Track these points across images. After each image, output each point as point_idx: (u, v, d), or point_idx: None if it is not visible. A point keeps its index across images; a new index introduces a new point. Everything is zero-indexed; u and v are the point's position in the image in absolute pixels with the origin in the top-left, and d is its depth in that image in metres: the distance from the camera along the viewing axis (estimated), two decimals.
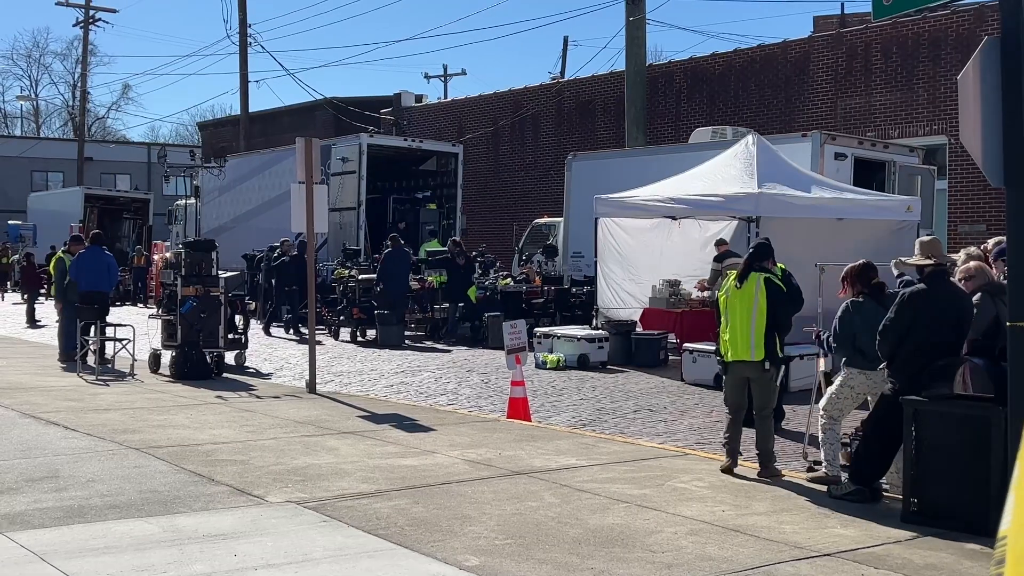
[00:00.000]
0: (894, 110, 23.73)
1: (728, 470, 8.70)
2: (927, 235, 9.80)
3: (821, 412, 8.48)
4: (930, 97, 23.02)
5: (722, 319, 8.96)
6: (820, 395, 8.89)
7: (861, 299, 8.37)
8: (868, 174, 18.73)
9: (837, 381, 8.48)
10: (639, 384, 14.64)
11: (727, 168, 15.81)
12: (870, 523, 7.15)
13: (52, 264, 16.77)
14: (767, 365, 8.62)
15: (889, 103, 23.84)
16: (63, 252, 17.45)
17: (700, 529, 6.96)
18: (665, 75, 29.36)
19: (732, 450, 8.80)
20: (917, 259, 7.80)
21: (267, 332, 21.71)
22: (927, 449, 7.08)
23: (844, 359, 8.45)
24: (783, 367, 8.85)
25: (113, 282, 16.88)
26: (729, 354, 8.80)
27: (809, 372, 13.94)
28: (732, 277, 8.95)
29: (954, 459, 6.95)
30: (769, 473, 8.60)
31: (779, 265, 8.88)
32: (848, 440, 9.35)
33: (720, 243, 15.56)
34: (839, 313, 8.44)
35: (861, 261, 8.76)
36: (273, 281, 22.44)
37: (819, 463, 8.67)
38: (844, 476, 8.11)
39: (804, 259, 14.83)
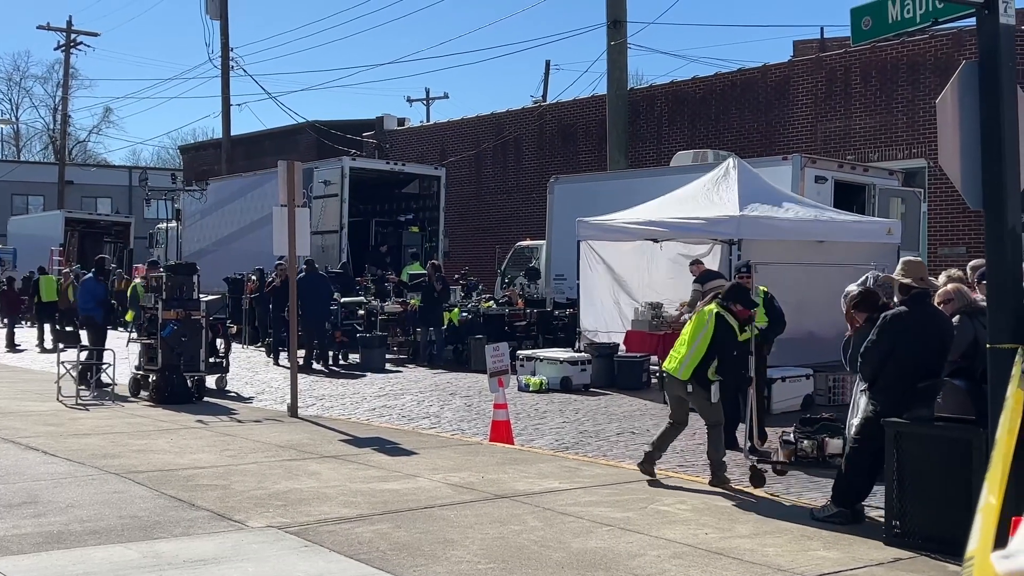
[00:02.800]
0: (874, 133, 23.91)
1: (644, 471, 9.20)
2: (912, 256, 9.87)
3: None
4: (909, 121, 23.21)
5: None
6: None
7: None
8: (848, 197, 18.85)
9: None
10: (622, 407, 14.63)
11: (708, 191, 15.87)
12: (853, 545, 7.15)
13: (129, 292, 16.56)
14: (690, 388, 9.00)
15: (869, 127, 24.02)
16: (140, 280, 17.04)
17: (683, 552, 6.94)
18: (646, 99, 29.51)
19: (649, 455, 9.26)
20: (898, 275, 7.84)
21: (277, 362, 20.39)
22: (909, 471, 7.08)
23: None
24: (718, 387, 9.06)
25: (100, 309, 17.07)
26: (667, 362, 9.39)
27: (792, 394, 14.01)
28: (703, 306, 9.39)
29: (936, 481, 6.95)
30: (719, 481, 8.91)
31: (762, 288, 8.97)
32: (792, 438, 9.74)
33: (696, 263, 15.57)
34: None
35: (861, 289, 8.90)
36: (270, 306, 21.49)
37: (764, 463, 9.14)
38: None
39: (785, 281, 14.95)
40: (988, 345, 6.62)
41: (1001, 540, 1.92)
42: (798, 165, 18.07)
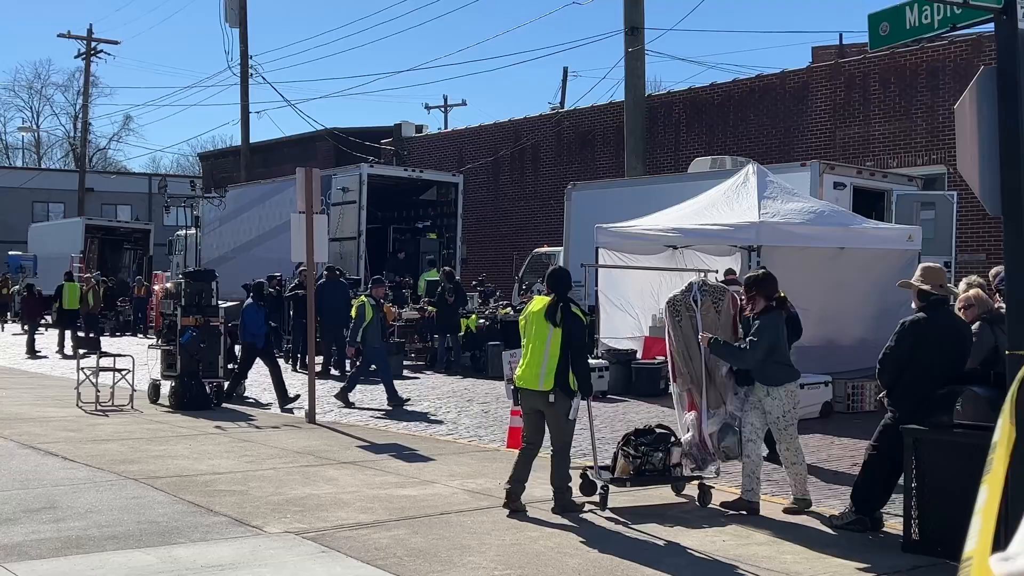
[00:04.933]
0: (892, 139, 23.81)
1: (510, 509, 8.13)
2: (934, 262, 9.74)
3: (787, 449, 8.39)
4: (928, 127, 23.11)
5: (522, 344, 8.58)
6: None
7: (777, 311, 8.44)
8: (867, 204, 18.76)
9: (784, 408, 8.32)
10: (639, 413, 14.59)
11: (727, 197, 15.83)
12: (871, 553, 7.12)
13: (355, 309, 15.98)
14: (552, 397, 8.13)
15: (887, 133, 23.92)
16: (366, 296, 16.55)
17: (701, 560, 6.92)
18: (664, 105, 29.48)
19: (512, 491, 8.21)
20: (917, 280, 7.77)
21: (296, 368, 20.29)
22: (928, 478, 7.04)
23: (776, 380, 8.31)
24: (579, 401, 8.27)
25: None
26: (519, 380, 8.44)
27: (811, 401, 13.94)
28: (533, 303, 8.57)
29: (955, 488, 6.90)
30: (563, 509, 8.15)
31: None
32: (636, 451, 8.73)
33: (728, 272, 15.50)
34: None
35: (762, 271, 8.74)
36: (291, 313, 21.43)
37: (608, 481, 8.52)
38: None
39: (805, 288, 14.88)
40: (1007, 352, 6.58)
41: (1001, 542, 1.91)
42: (816, 171, 18.00)
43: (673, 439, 8.80)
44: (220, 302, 16.00)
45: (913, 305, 7.77)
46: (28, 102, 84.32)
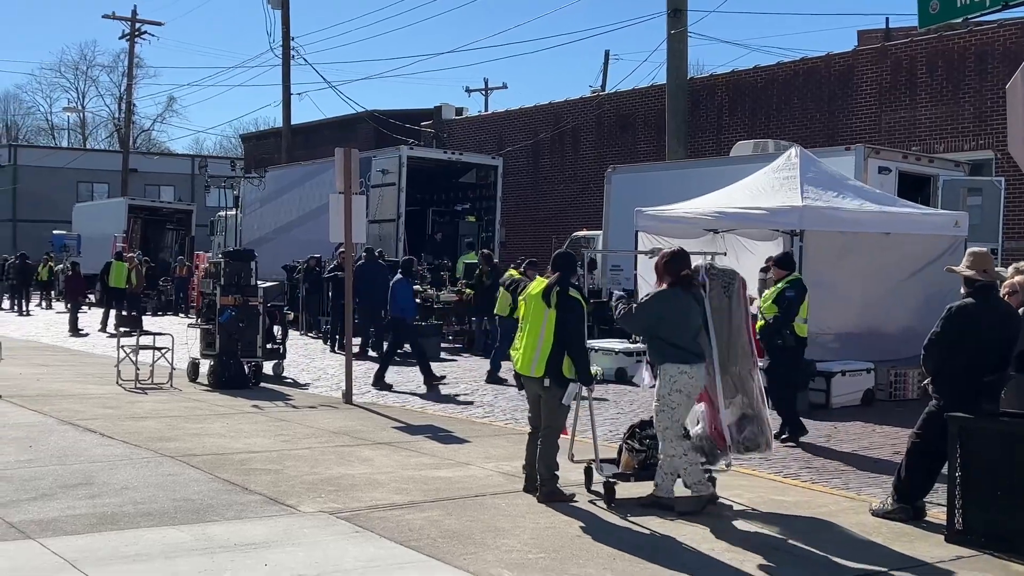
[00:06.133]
0: (939, 124, 23.41)
1: (529, 491, 8.11)
2: (980, 247, 9.51)
3: (664, 433, 7.77)
4: (976, 111, 22.70)
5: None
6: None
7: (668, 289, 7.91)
8: (913, 189, 18.46)
9: (660, 390, 7.79)
10: None
11: (770, 181, 15.60)
12: (913, 542, 6.98)
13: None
14: (546, 382, 7.95)
15: (934, 117, 23.53)
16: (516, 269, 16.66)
17: (738, 547, 6.81)
18: (707, 88, 29.19)
19: (531, 474, 8.20)
20: (964, 268, 7.58)
21: (334, 349, 20.32)
22: (973, 467, 6.88)
23: (659, 359, 7.83)
24: (576, 387, 7.98)
25: None
26: (516, 365, 8.29)
27: (852, 388, 13.76)
28: (532, 286, 8.36)
29: (1001, 478, 6.74)
30: (547, 498, 7.89)
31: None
32: (639, 445, 8.35)
33: (769, 260, 15.30)
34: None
35: (675, 248, 8.34)
36: (330, 294, 21.45)
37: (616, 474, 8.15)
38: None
39: (848, 274, 14.67)
40: None
41: None
42: (861, 156, 17.72)
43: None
44: (259, 282, 16.02)
45: (962, 291, 7.59)
46: (74, 83, 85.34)
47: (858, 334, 14.74)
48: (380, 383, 15.17)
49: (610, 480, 8.05)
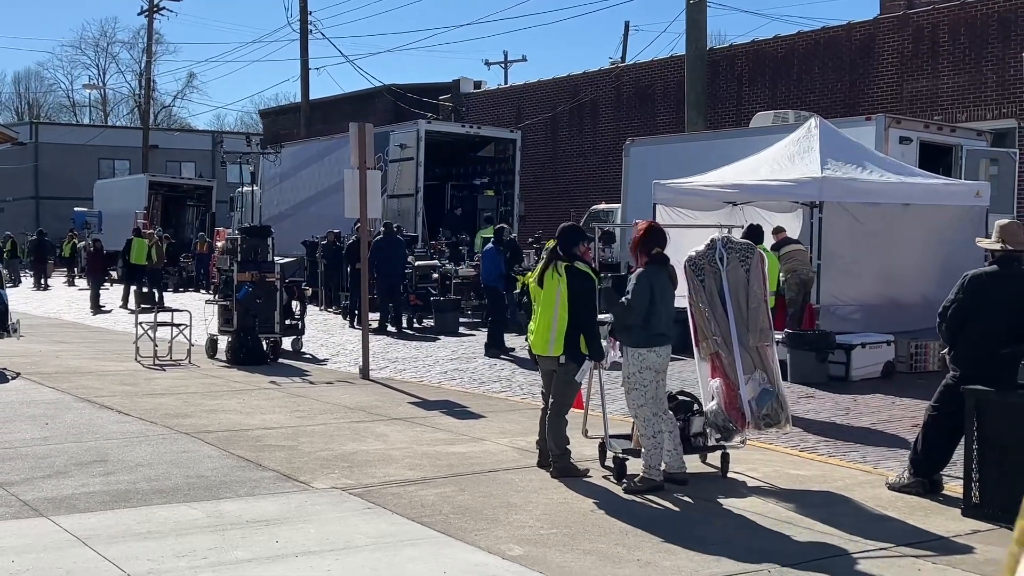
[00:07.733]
0: (962, 93, 23.12)
1: (542, 466, 8.10)
2: (1006, 219, 9.37)
3: (639, 411, 7.65)
4: (999, 80, 22.39)
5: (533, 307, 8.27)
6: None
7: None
8: (935, 159, 18.24)
9: (629, 369, 7.69)
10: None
11: (789, 152, 15.42)
12: (930, 516, 6.91)
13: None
14: (562, 359, 7.91)
15: (957, 86, 23.23)
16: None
17: (751, 521, 6.76)
18: (726, 59, 28.92)
19: (542, 449, 8.21)
20: (991, 242, 7.46)
21: (353, 325, 19.83)
22: (990, 440, 6.79)
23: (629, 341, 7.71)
24: (588, 364, 7.92)
25: None
26: (531, 344, 8.24)
27: (872, 361, 13.63)
28: (538, 267, 8.26)
29: (1019, 451, 6.65)
30: (560, 473, 7.86)
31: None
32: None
33: (778, 231, 15.20)
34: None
35: (649, 222, 8.25)
36: (348, 269, 21.04)
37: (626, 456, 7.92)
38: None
39: (869, 245, 14.52)
40: None
41: None
42: (882, 125, 17.50)
43: (696, 407, 8.39)
44: (277, 258, 16.02)
45: (987, 262, 7.47)
46: (95, 60, 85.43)
47: (878, 306, 14.61)
48: (500, 347, 15.89)
49: (621, 456, 7.96)
